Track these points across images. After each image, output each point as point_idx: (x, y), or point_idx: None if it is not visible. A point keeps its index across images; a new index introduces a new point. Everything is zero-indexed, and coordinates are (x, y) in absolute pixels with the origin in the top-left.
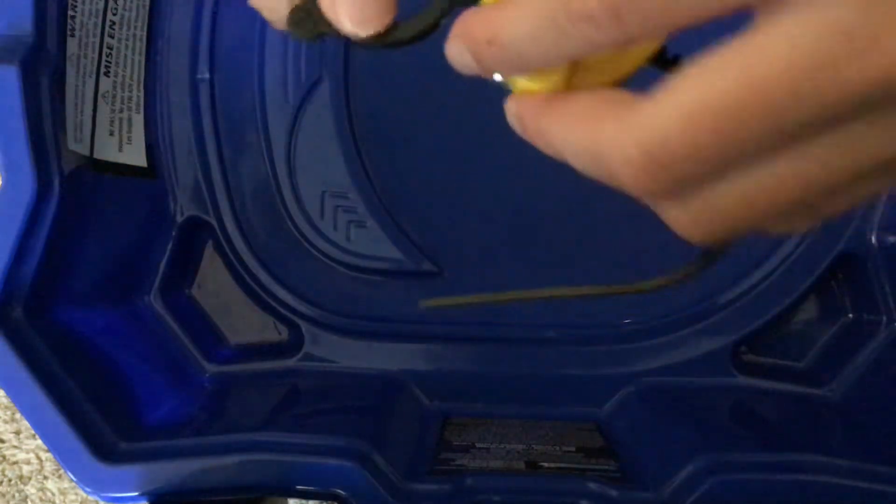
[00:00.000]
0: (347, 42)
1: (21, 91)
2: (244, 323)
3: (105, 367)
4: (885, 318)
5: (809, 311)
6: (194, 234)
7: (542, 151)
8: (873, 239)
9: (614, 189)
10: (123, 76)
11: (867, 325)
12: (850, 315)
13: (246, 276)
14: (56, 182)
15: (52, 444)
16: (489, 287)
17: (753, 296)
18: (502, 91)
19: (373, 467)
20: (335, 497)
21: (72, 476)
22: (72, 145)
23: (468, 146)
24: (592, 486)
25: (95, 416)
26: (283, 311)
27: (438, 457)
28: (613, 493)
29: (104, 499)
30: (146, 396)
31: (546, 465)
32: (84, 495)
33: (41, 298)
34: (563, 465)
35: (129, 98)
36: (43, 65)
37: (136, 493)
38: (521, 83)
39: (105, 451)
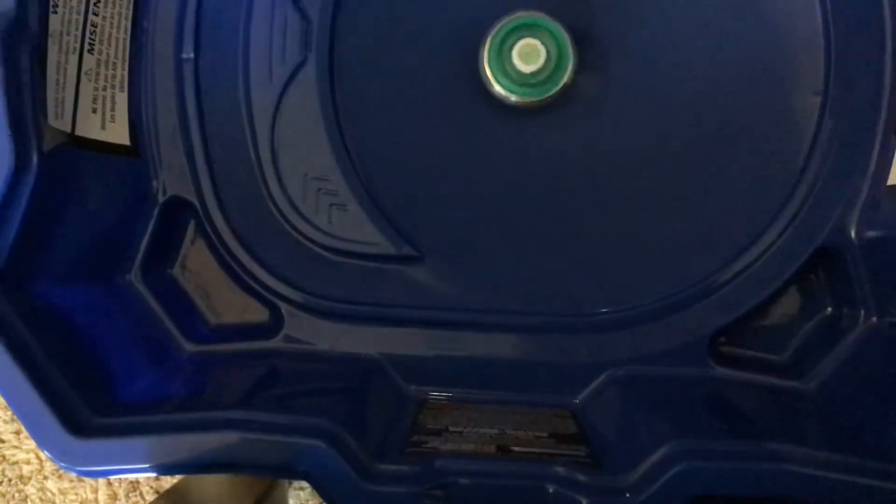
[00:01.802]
0: (333, 24)
1: (1, 67)
2: (225, 303)
3: (82, 342)
4: (862, 313)
5: (788, 304)
6: (176, 214)
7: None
8: (852, 233)
9: (601, 178)
10: (108, 54)
11: (845, 319)
12: (829, 309)
13: (227, 257)
14: (34, 156)
15: (25, 417)
16: (470, 273)
17: (731, 288)
18: (487, 78)
19: (342, 448)
20: (305, 476)
21: (44, 450)
22: (52, 121)
23: (452, 131)
24: (560, 470)
25: (69, 390)
26: (263, 292)
27: (411, 439)
28: (581, 477)
29: (77, 472)
30: (123, 373)
31: (517, 449)
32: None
33: (18, 272)
34: (533, 450)
35: (114, 76)
36: (23, 41)
37: (108, 468)
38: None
39: (77, 425)
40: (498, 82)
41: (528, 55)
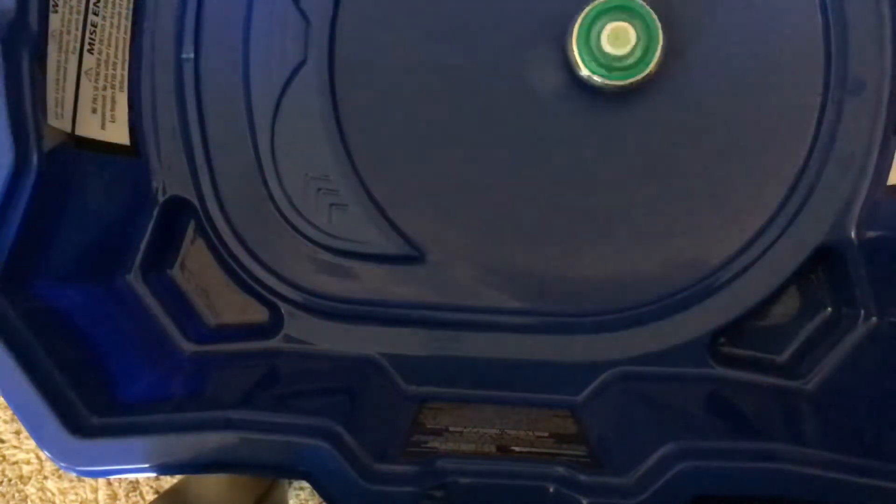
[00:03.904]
0: (333, 24)
1: (1, 66)
2: (224, 303)
3: (81, 342)
4: (862, 313)
5: (788, 304)
6: (176, 214)
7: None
8: (852, 233)
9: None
10: (108, 54)
11: (845, 319)
12: (829, 309)
13: (227, 257)
14: (34, 156)
15: (25, 417)
16: (470, 273)
17: (731, 288)
18: (490, 76)
19: (343, 448)
20: (306, 476)
21: (44, 450)
22: (52, 121)
23: (454, 131)
24: (561, 470)
25: (69, 390)
26: (263, 292)
27: (411, 439)
28: (582, 477)
29: (77, 472)
30: (122, 373)
31: (517, 449)
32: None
33: (18, 272)
34: (533, 449)
35: (114, 76)
36: (23, 40)
37: (108, 468)
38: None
39: (77, 425)
40: (586, 65)
41: (618, 38)
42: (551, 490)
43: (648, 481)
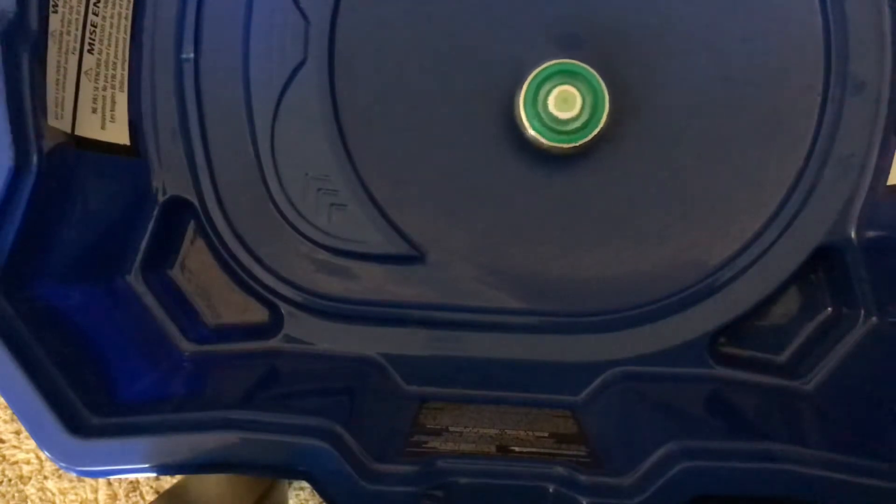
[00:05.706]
0: (333, 24)
1: (1, 66)
2: (224, 303)
3: (81, 342)
4: (862, 313)
5: (789, 304)
6: (176, 214)
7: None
8: (852, 233)
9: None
10: (108, 54)
11: (846, 319)
12: (829, 309)
13: (227, 257)
14: (34, 156)
15: (24, 417)
16: (470, 273)
17: (731, 288)
18: (490, 79)
19: (343, 448)
20: (306, 476)
21: (44, 450)
22: (52, 121)
23: (454, 131)
24: (560, 470)
25: (68, 390)
26: (263, 292)
27: (411, 439)
28: (581, 477)
29: (77, 473)
30: (122, 373)
31: (517, 449)
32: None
33: (17, 272)
34: (533, 449)
35: (113, 76)
36: (23, 40)
37: (108, 468)
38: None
39: (77, 425)
40: (533, 127)
41: (565, 101)
42: (551, 490)
43: (648, 481)
